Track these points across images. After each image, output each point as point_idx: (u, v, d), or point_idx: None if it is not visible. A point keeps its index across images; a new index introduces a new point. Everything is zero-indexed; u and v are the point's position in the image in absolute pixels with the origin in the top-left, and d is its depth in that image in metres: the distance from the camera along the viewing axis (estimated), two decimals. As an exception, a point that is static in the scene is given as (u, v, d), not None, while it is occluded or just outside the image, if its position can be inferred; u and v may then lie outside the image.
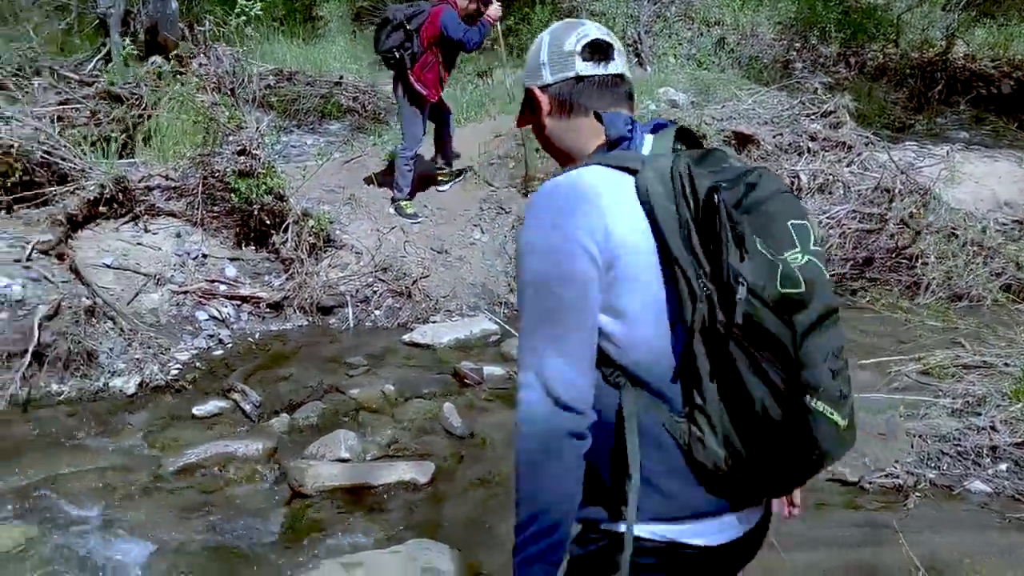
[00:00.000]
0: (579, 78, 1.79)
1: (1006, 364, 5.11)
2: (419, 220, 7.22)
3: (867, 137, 8.30)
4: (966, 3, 12.46)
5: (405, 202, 7.26)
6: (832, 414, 1.56)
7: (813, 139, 8.01)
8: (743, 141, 7.94)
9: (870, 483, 4.26)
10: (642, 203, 1.59)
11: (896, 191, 7.44)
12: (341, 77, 10.20)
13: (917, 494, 4.15)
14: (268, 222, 6.52)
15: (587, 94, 1.79)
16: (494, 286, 6.77)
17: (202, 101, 6.60)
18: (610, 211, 1.59)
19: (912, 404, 4.85)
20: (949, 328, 6.05)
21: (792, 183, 7.57)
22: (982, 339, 5.63)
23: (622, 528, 1.61)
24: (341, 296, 6.44)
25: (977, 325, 5.89)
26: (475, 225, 7.12)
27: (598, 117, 1.77)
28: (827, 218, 7.10)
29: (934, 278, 6.99)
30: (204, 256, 6.49)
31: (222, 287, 6.31)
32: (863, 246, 7.19)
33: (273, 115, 9.12)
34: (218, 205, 6.68)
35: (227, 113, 6.50)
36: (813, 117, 8.38)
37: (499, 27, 8.12)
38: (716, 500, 1.63)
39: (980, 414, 4.57)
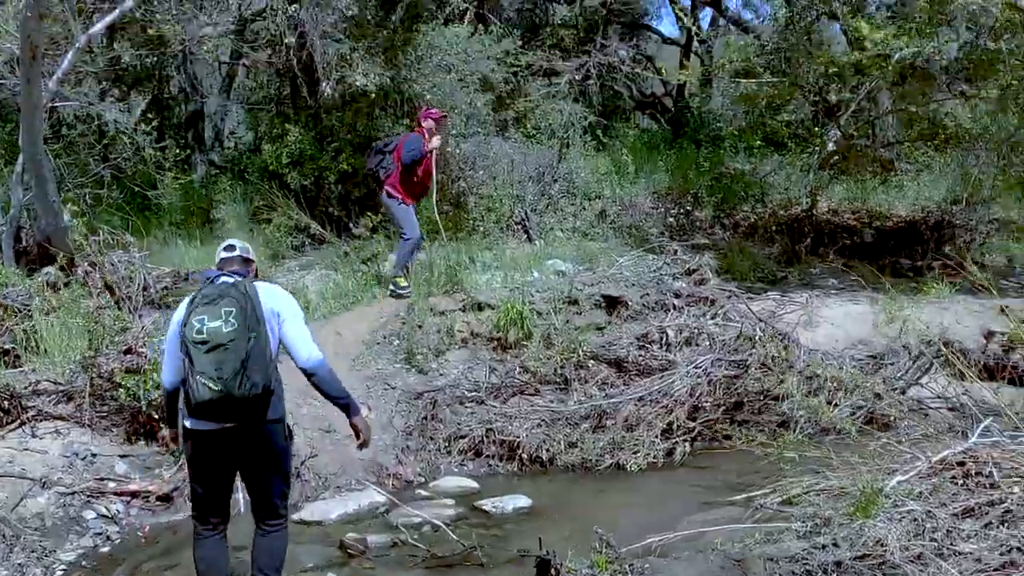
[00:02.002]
0: (222, 259, 4.49)
1: (852, 487, 5.48)
2: (410, 292, 8.92)
3: (730, 291, 8.94)
4: (819, 165, 13.53)
5: (400, 277, 8.98)
6: (207, 383, 3.90)
7: (678, 296, 8.60)
8: (612, 303, 8.48)
9: (728, 609, 4.52)
10: None
11: (757, 338, 8.00)
12: (237, 274, 10.58)
13: (768, 614, 4.41)
14: (156, 416, 6.70)
15: (223, 262, 4.47)
16: (383, 459, 7.01)
17: (87, 306, 6.89)
18: (181, 311, 4.22)
19: (769, 532, 5.17)
20: (806, 459, 6.43)
21: (660, 338, 8.08)
22: (833, 467, 6.02)
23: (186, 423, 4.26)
24: (231, 482, 6.57)
25: (826, 456, 6.27)
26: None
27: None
28: (695, 368, 7.57)
29: (800, 415, 7.45)
30: (93, 455, 6.60)
31: (111, 484, 6.41)
32: (732, 391, 7.64)
33: (169, 315, 9.38)
34: (107, 404, 6.86)
35: (112, 315, 6.78)
36: (678, 276, 9.01)
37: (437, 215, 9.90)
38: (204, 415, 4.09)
39: (824, 533, 4.90)
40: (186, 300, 4.21)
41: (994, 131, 12.56)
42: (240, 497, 6.46)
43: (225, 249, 4.50)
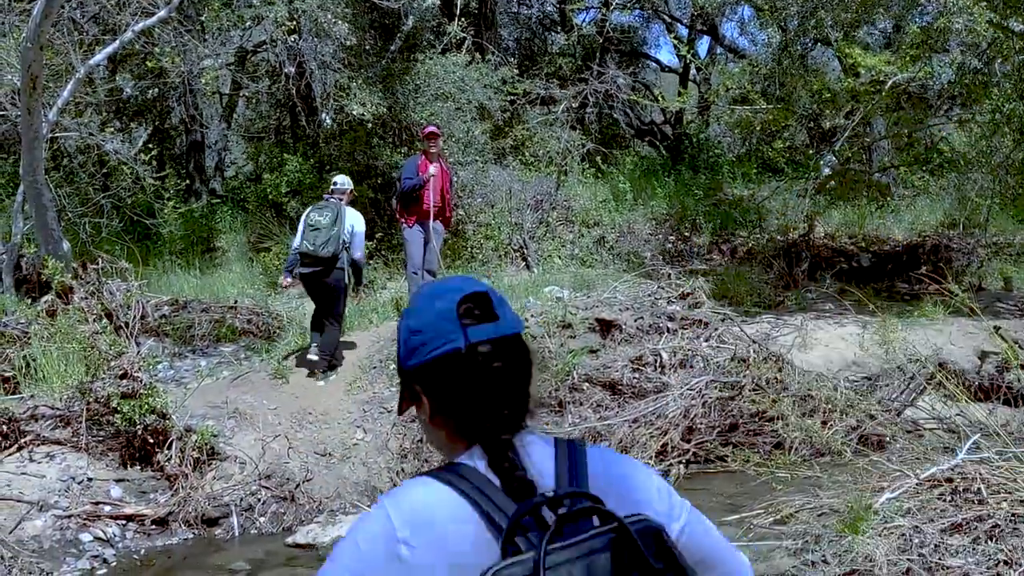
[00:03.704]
0: (332, 189, 8.47)
1: (842, 505, 5.50)
2: None
3: (723, 314, 8.97)
4: (815, 191, 13.62)
5: None
6: (309, 246, 7.90)
7: (672, 319, 8.64)
8: (606, 326, 8.52)
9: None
10: None
11: (751, 359, 8.03)
12: (235, 302, 10.63)
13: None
14: (152, 441, 6.75)
15: (330, 192, 8.46)
16: (377, 482, 7.03)
17: (83, 331, 6.96)
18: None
19: (761, 549, 5.18)
20: (798, 480, 6.46)
21: (654, 360, 8.12)
22: (825, 487, 6.03)
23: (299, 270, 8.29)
24: (226, 506, 6.62)
25: (818, 476, 6.29)
26: (357, 426, 7.43)
27: None
28: (688, 389, 7.60)
29: (795, 437, 7.46)
30: (89, 479, 6.64)
31: (106, 508, 6.44)
32: (726, 413, 7.65)
33: (168, 342, 9.46)
34: (103, 429, 6.92)
35: (108, 341, 6.85)
36: (673, 300, 9.06)
37: None
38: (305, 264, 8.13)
39: (814, 551, 4.92)
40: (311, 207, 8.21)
41: (989, 154, 12.61)
42: (234, 521, 6.54)
43: (333, 184, 8.37)
